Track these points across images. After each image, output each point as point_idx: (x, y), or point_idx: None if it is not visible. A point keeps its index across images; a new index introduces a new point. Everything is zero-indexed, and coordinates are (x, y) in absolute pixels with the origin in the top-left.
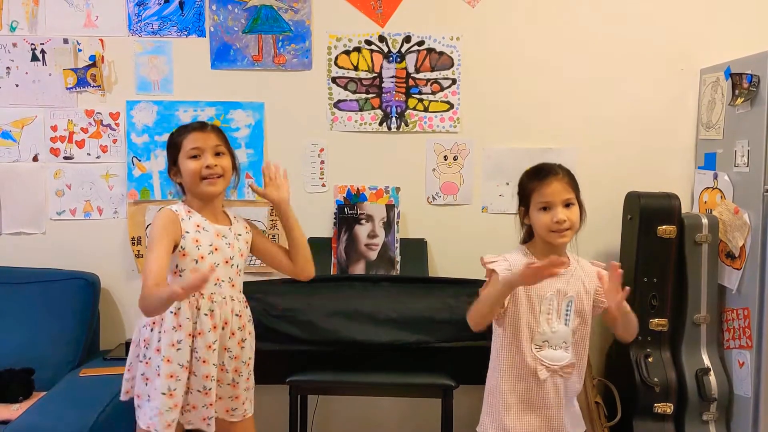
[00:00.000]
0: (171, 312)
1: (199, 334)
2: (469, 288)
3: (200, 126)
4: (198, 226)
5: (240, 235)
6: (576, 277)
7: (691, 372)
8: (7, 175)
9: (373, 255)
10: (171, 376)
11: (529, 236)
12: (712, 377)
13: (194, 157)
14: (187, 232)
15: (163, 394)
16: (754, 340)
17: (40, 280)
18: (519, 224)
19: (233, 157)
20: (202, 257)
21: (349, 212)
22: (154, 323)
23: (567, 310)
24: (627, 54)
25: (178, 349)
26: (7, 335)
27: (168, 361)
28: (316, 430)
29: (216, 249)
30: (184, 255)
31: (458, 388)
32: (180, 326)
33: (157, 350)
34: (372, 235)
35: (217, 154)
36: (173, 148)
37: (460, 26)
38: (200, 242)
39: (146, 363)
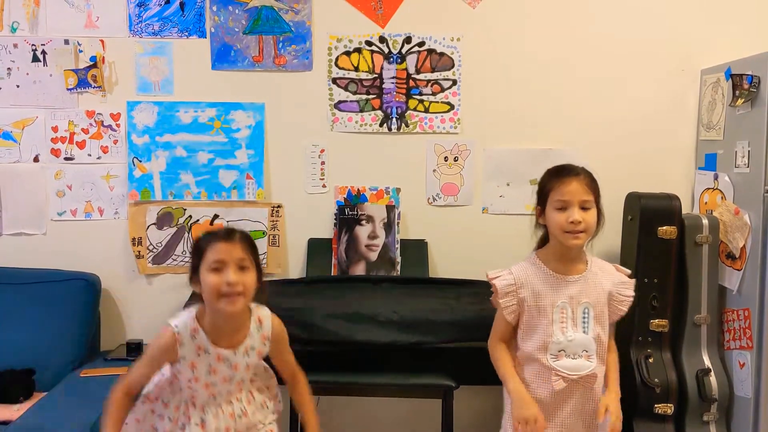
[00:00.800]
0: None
1: None
2: (470, 289)
3: (227, 235)
4: (199, 348)
5: (253, 348)
6: (592, 282)
7: (692, 373)
8: (7, 176)
9: (373, 256)
10: None
11: (543, 241)
12: (712, 378)
13: (216, 270)
14: (183, 358)
15: None
16: (755, 340)
17: (41, 280)
18: (533, 226)
19: (259, 269)
20: (196, 379)
21: (349, 213)
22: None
23: (585, 318)
24: (628, 54)
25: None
26: (7, 335)
27: None
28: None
29: (214, 371)
30: (179, 372)
31: (458, 388)
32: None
33: None
34: (372, 236)
35: (242, 268)
36: (196, 254)
37: (461, 27)
38: (197, 367)
39: None
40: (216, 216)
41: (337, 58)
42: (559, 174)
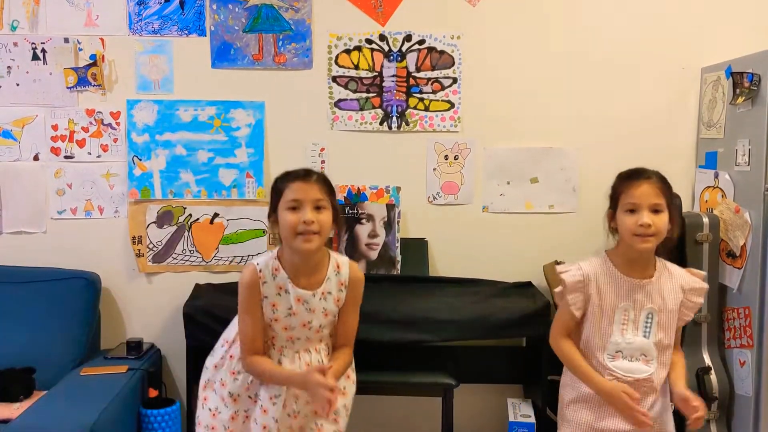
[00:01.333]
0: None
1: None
2: (470, 287)
3: (305, 175)
4: (280, 288)
5: (330, 293)
6: (659, 288)
7: (692, 371)
8: (7, 175)
9: (373, 255)
10: (218, 406)
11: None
12: (712, 376)
13: (293, 209)
14: (266, 297)
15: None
16: (755, 339)
17: (41, 279)
18: (605, 229)
19: (335, 209)
20: (276, 320)
21: (349, 212)
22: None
23: (647, 322)
24: (628, 53)
25: (235, 380)
26: (8, 334)
27: (224, 387)
28: None
29: (294, 313)
30: (264, 314)
31: (458, 387)
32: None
33: (222, 384)
34: (373, 234)
35: (318, 207)
36: (275, 194)
37: (461, 25)
38: (277, 306)
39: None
40: (216, 214)
41: (337, 57)
42: (630, 177)
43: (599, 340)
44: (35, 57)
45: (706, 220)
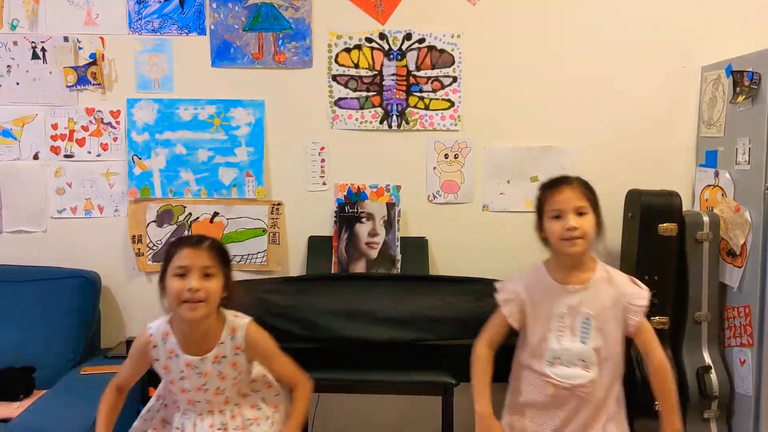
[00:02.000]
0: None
1: None
2: (470, 286)
3: (196, 242)
4: (171, 352)
5: (225, 357)
6: (596, 294)
7: (692, 370)
8: (7, 174)
9: (373, 253)
10: None
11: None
12: (713, 375)
13: (180, 275)
14: (157, 360)
15: None
16: (755, 338)
17: (41, 278)
18: (539, 240)
19: (228, 278)
20: (173, 382)
21: (349, 211)
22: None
23: (584, 328)
24: (628, 51)
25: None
26: (7, 333)
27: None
28: (317, 427)
29: (185, 377)
30: (160, 374)
31: (458, 386)
32: None
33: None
34: (373, 233)
35: (207, 275)
36: (165, 260)
37: (461, 24)
38: (170, 369)
39: None
40: (216, 213)
41: (337, 55)
42: (552, 185)
43: (538, 348)
44: (35, 56)
45: (706, 218)
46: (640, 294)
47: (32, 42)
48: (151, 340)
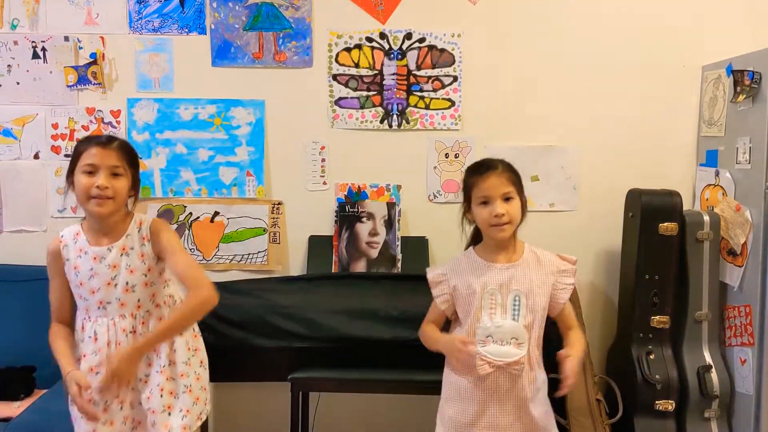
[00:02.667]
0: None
1: (84, 356)
2: None
3: (104, 142)
4: (80, 250)
5: (132, 248)
6: (525, 271)
7: (693, 369)
8: (8, 173)
9: (374, 253)
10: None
11: (475, 238)
12: (713, 374)
13: (89, 173)
14: (68, 260)
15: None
16: (756, 337)
17: (42, 277)
18: (462, 223)
19: (135, 179)
20: (81, 284)
21: (350, 210)
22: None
23: (515, 305)
24: (629, 51)
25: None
26: (8, 333)
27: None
28: (318, 427)
29: (95, 273)
30: (70, 280)
31: None
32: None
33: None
34: (373, 233)
35: (114, 174)
36: (73, 157)
37: (462, 23)
38: (79, 269)
39: None
40: (216, 213)
41: (337, 55)
42: (477, 170)
43: (470, 327)
44: (35, 55)
45: (706, 218)
46: (569, 272)
47: (32, 41)
48: (62, 241)
